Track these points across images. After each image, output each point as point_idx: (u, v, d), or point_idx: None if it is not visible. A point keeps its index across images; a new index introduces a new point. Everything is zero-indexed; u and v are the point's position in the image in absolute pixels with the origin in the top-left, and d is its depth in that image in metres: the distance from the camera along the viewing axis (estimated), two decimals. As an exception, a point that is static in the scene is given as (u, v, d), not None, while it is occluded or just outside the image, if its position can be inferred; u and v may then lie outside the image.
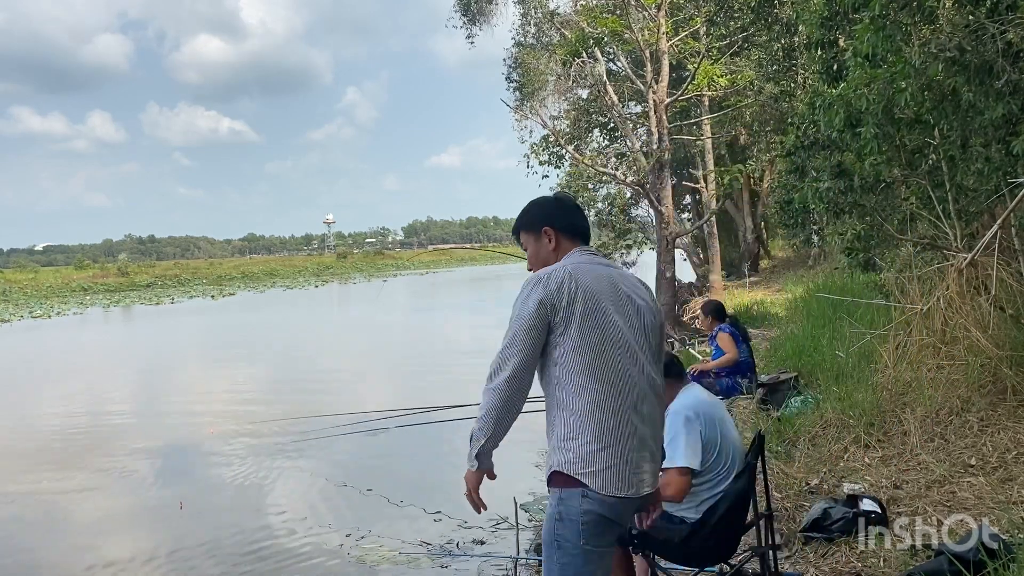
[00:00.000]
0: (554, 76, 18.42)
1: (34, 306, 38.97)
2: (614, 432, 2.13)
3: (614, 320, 2.17)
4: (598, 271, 2.26)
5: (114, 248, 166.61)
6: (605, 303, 2.18)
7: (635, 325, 2.23)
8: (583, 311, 2.14)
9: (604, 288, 2.21)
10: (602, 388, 2.13)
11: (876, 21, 5.15)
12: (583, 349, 2.13)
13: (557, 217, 2.41)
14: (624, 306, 2.23)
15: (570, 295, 2.15)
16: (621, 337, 2.17)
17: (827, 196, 6.34)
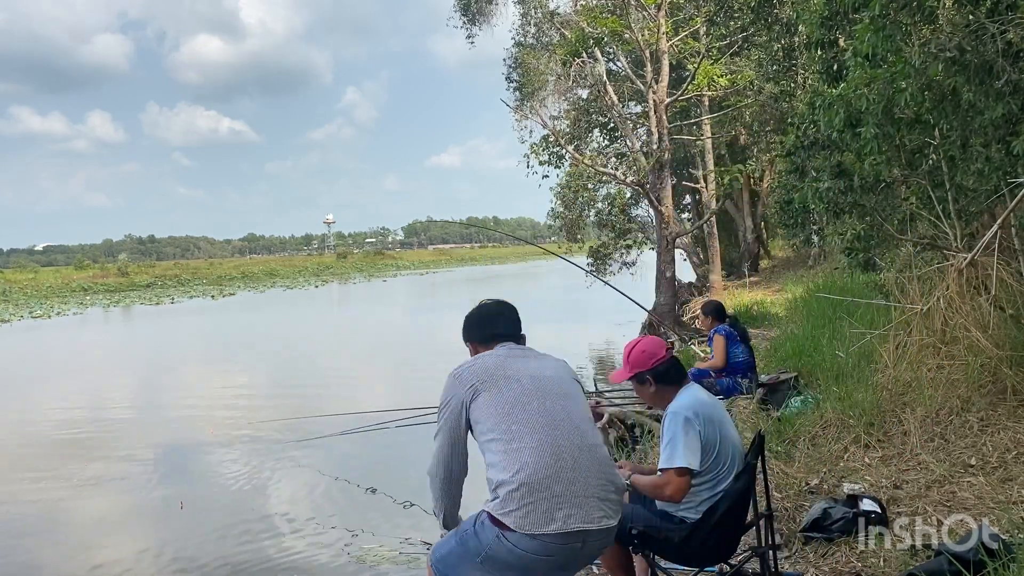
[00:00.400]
0: (554, 76, 18.42)
1: (34, 306, 38.96)
2: (528, 475, 2.31)
3: (511, 387, 2.46)
4: (497, 354, 2.60)
5: (114, 248, 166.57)
6: (499, 376, 2.48)
7: (533, 385, 2.48)
8: (482, 388, 2.46)
9: (499, 363, 2.54)
10: (512, 441, 2.36)
11: (876, 21, 5.15)
12: (487, 417, 2.41)
13: (474, 333, 2.78)
14: (520, 372, 2.51)
15: (471, 381, 2.50)
16: (521, 397, 2.43)
17: (827, 196, 6.34)
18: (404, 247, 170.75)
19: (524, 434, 2.36)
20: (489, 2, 20.71)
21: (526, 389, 2.45)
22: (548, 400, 2.44)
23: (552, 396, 2.46)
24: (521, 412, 2.39)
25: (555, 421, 2.40)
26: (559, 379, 2.56)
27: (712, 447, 3.00)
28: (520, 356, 2.58)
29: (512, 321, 2.75)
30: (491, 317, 2.74)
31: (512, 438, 2.35)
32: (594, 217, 21.40)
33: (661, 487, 2.97)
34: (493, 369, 2.51)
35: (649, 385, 3.17)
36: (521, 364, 2.54)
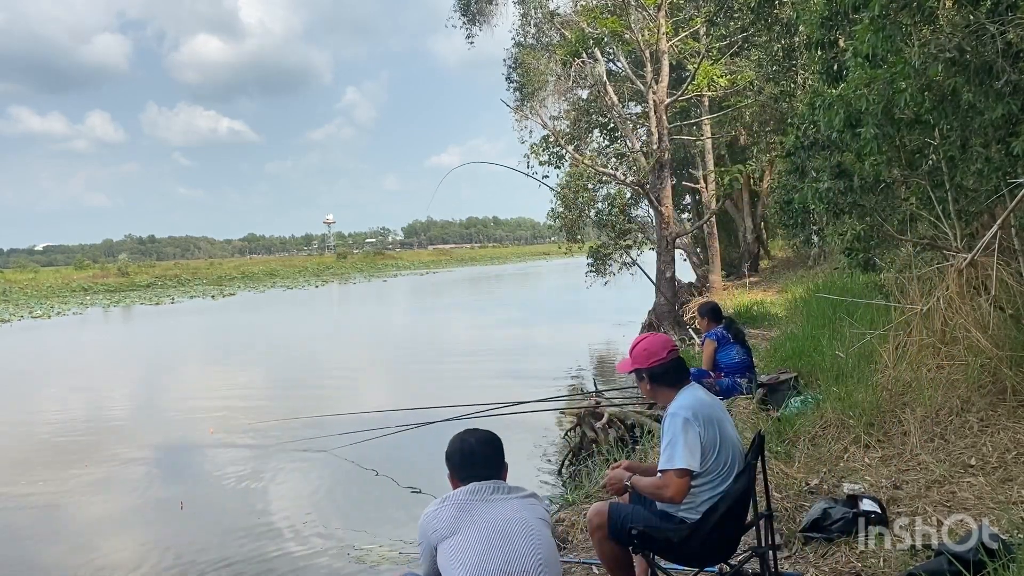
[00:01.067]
0: (554, 76, 18.41)
1: (34, 306, 38.97)
2: None
3: (469, 535, 2.52)
4: (459, 500, 2.64)
5: (114, 248, 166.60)
6: (460, 524, 2.55)
7: (491, 531, 2.54)
8: (445, 535, 2.54)
9: (464, 507, 2.60)
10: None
11: (876, 21, 5.15)
12: (448, 567, 2.50)
13: (454, 468, 2.78)
14: (482, 519, 2.56)
15: (435, 527, 2.57)
16: (476, 546, 2.49)
17: (827, 196, 6.34)
18: (404, 247, 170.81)
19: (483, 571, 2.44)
20: (489, 2, 20.71)
21: (487, 537, 2.52)
22: (507, 547, 2.51)
23: (512, 542, 2.52)
24: (477, 562, 2.46)
25: (510, 570, 2.47)
26: (521, 520, 2.60)
27: (712, 448, 3.00)
28: (487, 499, 2.63)
29: (492, 462, 2.75)
30: (472, 457, 2.75)
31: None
32: (594, 217, 21.40)
33: (661, 488, 2.97)
34: (457, 516, 2.58)
35: (645, 383, 3.20)
36: (486, 510, 2.60)
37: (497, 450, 2.78)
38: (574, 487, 6.14)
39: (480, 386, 11.40)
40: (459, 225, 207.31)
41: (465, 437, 2.80)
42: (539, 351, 17.27)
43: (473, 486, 2.65)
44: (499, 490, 2.66)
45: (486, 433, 2.83)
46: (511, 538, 2.52)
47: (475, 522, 2.54)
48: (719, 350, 6.92)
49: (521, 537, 2.53)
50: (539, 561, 2.53)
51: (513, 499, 2.66)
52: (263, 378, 15.39)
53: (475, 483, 2.66)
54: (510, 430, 9.13)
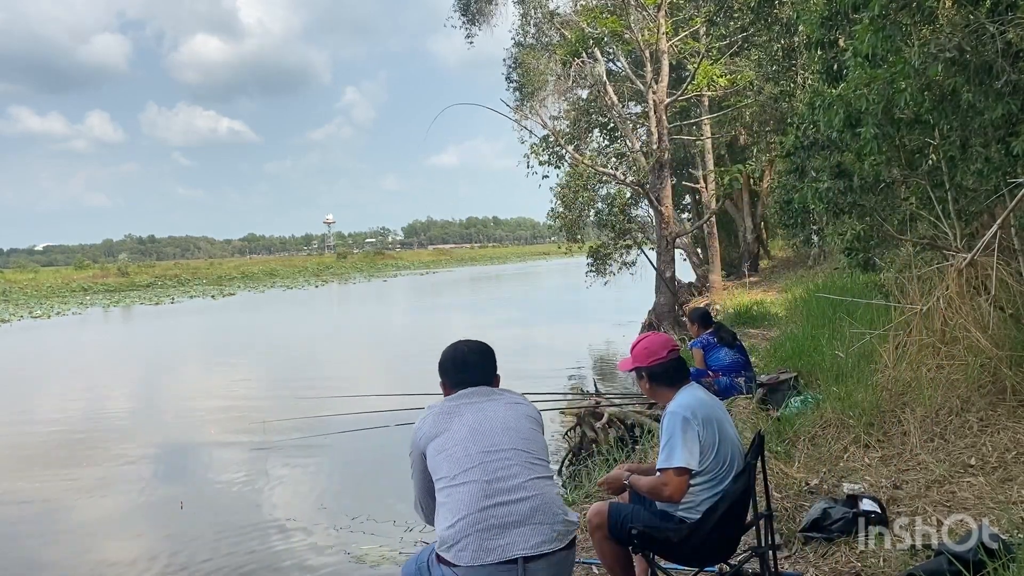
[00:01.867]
0: (554, 76, 18.42)
1: (34, 306, 38.97)
2: (463, 512, 2.40)
3: (455, 432, 2.54)
4: (448, 404, 2.65)
5: (114, 248, 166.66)
6: (445, 424, 2.57)
7: (477, 425, 2.56)
8: (432, 437, 2.56)
9: (450, 410, 2.61)
10: (451, 482, 2.47)
11: (876, 21, 5.15)
12: (436, 466, 2.52)
13: (447, 375, 2.78)
14: (467, 416, 2.58)
15: (423, 432, 2.60)
16: (461, 440, 2.51)
17: (827, 196, 6.34)
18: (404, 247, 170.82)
19: (459, 474, 2.46)
20: (489, 2, 20.71)
21: (470, 430, 2.54)
22: (489, 437, 2.53)
23: (494, 432, 2.54)
24: (461, 452, 2.48)
25: (490, 456, 2.48)
26: (508, 416, 2.61)
27: (711, 447, 3.00)
28: (472, 401, 2.64)
29: (484, 369, 2.75)
30: (464, 364, 2.75)
31: (451, 480, 2.46)
32: (594, 217, 21.40)
33: (660, 488, 2.97)
34: (442, 418, 2.60)
35: (644, 381, 3.21)
36: (470, 409, 2.61)
37: (489, 358, 2.79)
38: (574, 487, 6.14)
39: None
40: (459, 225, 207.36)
41: (457, 345, 2.82)
42: (539, 351, 17.28)
43: (462, 392, 2.67)
44: (486, 393, 2.68)
45: (478, 342, 2.84)
46: (494, 431, 2.54)
47: (460, 419, 2.57)
48: (707, 355, 6.97)
49: (502, 432, 2.55)
50: (524, 449, 2.55)
51: (500, 400, 2.67)
52: (263, 378, 15.39)
53: (464, 388, 2.68)
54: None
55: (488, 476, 2.44)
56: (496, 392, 2.72)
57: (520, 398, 2.75)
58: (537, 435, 2.65)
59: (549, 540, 2.42)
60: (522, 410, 2.67)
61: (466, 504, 2.40)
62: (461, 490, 2.43)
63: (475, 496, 2.41)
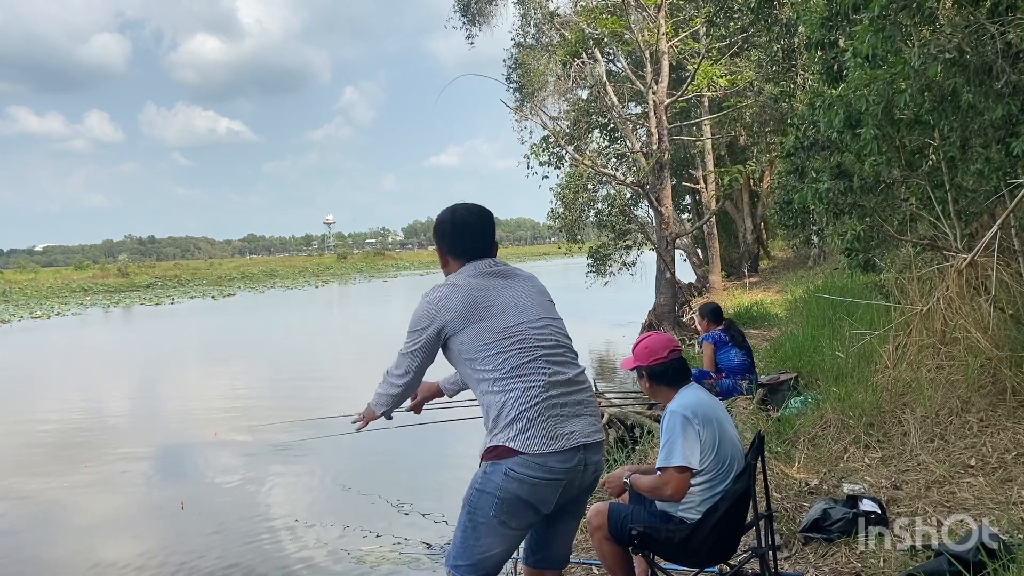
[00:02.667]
0: (554, 77, 18.42)
1: (34, 307, 38.96)
2: (526, 399, 2.45)
3: (494, 305, 2.55)
4: (479, 284, 2.59)
5: (114, 248, 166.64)
6: (486, 309, 2.54)
7: (519, 314, 2.58)
8: (470, 321, 2.52)
9: (484, 294, 2.57)
10: (504, 365, 2.49)
11: (876, 22, 5.15)
12: (479, 352, 2.51)
13: (446, 244, 2.69)
14: (506, 302, 2.58)
15: (457, 311, 2.52)
16: (510, 329, 2.53)
17: (827, 197, 6.34)
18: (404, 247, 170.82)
19: (522, 365, 2.49)
20: (489, 2, 20.72)
21: (516, 322, 2.55)
22: (537, 330, 2.57)
23: (540, 325, 2.60)
24: (516, 346, 2.50)
25: (543, 346, 2.55)
26: (543, 305, 2.68)
27: (711, 447, 3.00)
28: (501, 283, 2.62)
29: (486, 235, 2.69)
30: (467, 230, 2.67)
31: (507, 370, 2.48)
32: (594, 217, 21.41)
33: (661, 487, 2.97)
34: (474, 306, 2.54)
35: (645, 381, 3.22)
36: (505, 293, 2.59)
37: (489, 222, 2.73)
38: (574, 487, 6.13)
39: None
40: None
41: (456, 208, 2.74)
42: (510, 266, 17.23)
43: (478, 269, 2.63)
44: (506, 275, 2.67)
45: (476, 205, 2.77)
46: (540, 324, 2.60)
47: (500, 308, 2.56)
48: (718, 352, 6.92)
49: (544, 324, 2.62)
50: (563, 336, 2.66)
51: (524, 284, 2.70)
52: (263, 378, 15.39)
53: (474, 264, 2.64)
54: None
55: (548, 369, 2.51)
56: (513, 272, 2.70)
57: (530, 276, 2.75)
58: (561, 320, 2.76)
59: (597, 430, 2.59)
60: (546, 296, 2.74)
61: (531, 396, 2.45)
62: (524, 382, 2.47)
63: (539, 388, 2.47)
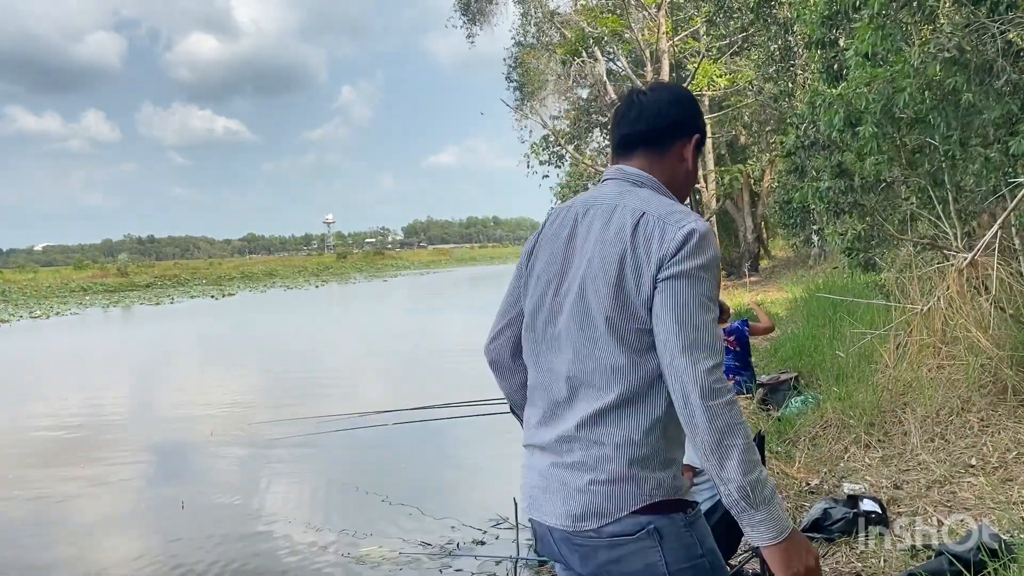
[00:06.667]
0: (554, 76, 18.43)
1: (33, 306, 38.95)
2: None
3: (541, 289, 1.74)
4: (562, 220, 1.75)
5: (114, 248, 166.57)
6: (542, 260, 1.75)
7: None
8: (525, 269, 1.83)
9: (553, 233, 1.75)
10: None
11: (876, 20, 5.15)
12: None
13: (612, 130, 1.83)
14: (567, 267, 1.71)
15: (528, 249, 1.82)
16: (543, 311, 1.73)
17: (827, 196, 6.34)
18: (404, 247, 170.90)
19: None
20: (489, 2, 20.73)
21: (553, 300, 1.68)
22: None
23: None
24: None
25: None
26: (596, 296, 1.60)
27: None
28: (583, 226, 1.67)
29: (641, 119, 1.73)
30: (617, 112, 1.80)
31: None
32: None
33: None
34: (543, 244, 1.75)
35: None
36: (578, 246, 1.66)
37: (650, 104, 1.76)
38: (574, 487, 6.13)
39: (480, 385, 11.39)
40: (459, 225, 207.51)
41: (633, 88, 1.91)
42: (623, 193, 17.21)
43: (606, 174, 1.79)
44: (609, 207, 1.67)
45: (663, 84, 2.00)
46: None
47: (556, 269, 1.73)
48: None
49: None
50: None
51: (610, 236, 1.67)
52: (263, 378, 15.39)
53: (617, 155, 1.80)
54: (510, 429, 9.11)
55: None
56: (625, 196, 1.64)
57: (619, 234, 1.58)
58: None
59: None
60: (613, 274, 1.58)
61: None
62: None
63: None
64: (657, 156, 1.71)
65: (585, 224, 1.66)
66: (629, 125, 1.74)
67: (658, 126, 1.72)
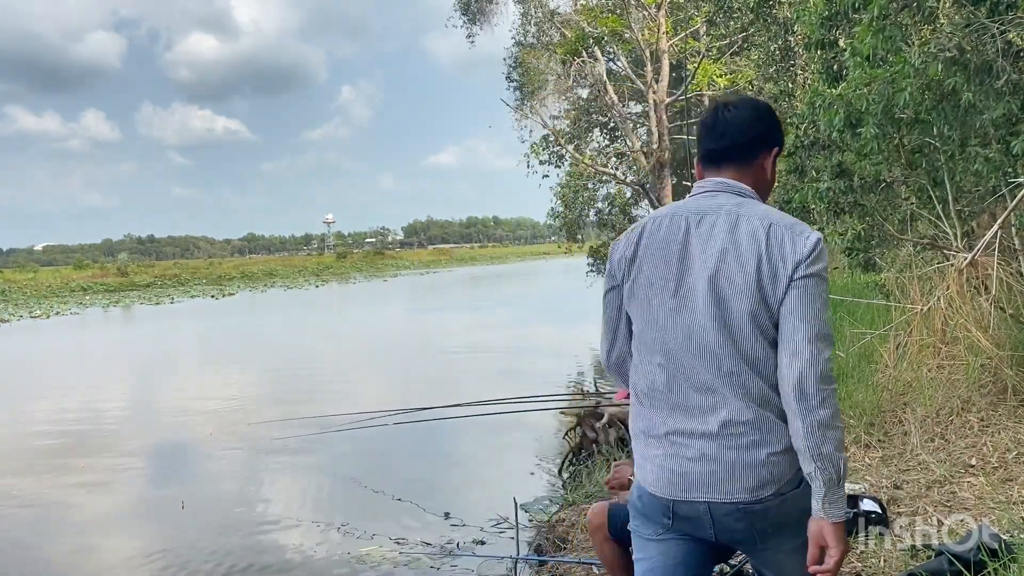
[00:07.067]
0: (554, 76, 18.44)
1: (33, 306, 38.96)
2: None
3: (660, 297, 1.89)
4: (671, 224, 1.87)
5: (114, 248, 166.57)
6: (653, 265, 1.88)
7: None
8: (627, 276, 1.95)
9: (666, 238, 1.87)
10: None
11: (876, 21, 5.15)
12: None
13: (697, 141, 2.01)
14: (689, 273, 1.85)
15: (619, 253, 1.95)
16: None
17: (827, 196, 6.35)
18: (404, 247, 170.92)
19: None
20: (489, 2, 20.73)
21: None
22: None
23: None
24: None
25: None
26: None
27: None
28: (702, 231, 1.82)
29: (728, 134, 1.91)
30: (709, 124, 1.94)
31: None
32: (594, 217, 21.42)
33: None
34: (650, 249, 1.86)
35: None
36: (695, 251, 1.81)
37: (737, 118, 1.94)
38: (574, 487, 6.14)
39: (480, 385, 11.40)
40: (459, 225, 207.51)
41: (717, 102, 2.02)
42: (539, 351, 17.27)
43: (701, 184, 1.97)
44: (722, 213, 1.88)
45: (748, 99, 2.11)
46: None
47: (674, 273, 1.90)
48: None
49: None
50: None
51: (735, 241, 1.87)
52: (263, 377, 15.39)
53: (709, 170, 1.96)
54: (510, 430, 9.12)
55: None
56: (730, 205, 1.83)
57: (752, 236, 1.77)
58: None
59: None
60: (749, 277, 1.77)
61: None
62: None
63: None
64: (744, 168, 1.91)
65: (702, 230, 1.82)
66: (717, 140, 1.92)
67: (743, 141, 1.90)
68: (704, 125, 1.97)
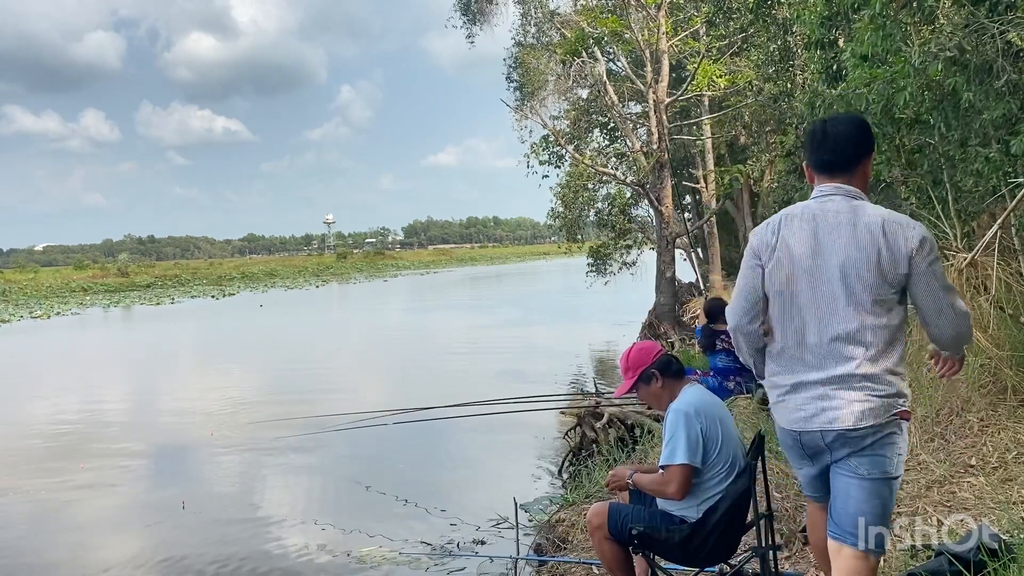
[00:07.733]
0: (554, 76, 18.43)
1: (34, 306, 38.97)
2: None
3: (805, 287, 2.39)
4: (806, 231, 2.40)
5: (114, 248, 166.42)
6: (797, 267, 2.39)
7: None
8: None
9: (807, 248, 2.39)
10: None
11: (876, 20, 5.15)
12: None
13: (807, 154, 2.55)
14: (821, 267, 2.37)
15: (760, 247, 2.49)
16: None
17: (827, 196, 6.33)
18: (404, 247, 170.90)
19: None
20: (489, 2, 20.70)
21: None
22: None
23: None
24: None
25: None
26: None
27: (713, 445, 3.00)
28: (827, 225, 2.34)
29: (837, 148, 2.42)
30: (819, 138, 2.46)
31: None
32: (594, 217, 21.41)
33: (664, 485, 2.97)
34: (788, 239, 2.39)
35: (656, 380, 3.14)
36: (825, 243, 2.32)
37: (850, 131, 2.48)
38: (574, 487, 6.14)
39: (480, 385, 11.40)
40: (459, 225, 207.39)
41: (826, 117, 2.69)
42: (539, 351, 17.28)
43: (819, 206, 2.49)
44: (843, 219, 2.44)
45: (850, 115, 2.71)
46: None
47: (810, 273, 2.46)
48: (706, 351, 6.97)
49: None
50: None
51: (858, 240, 2.45)
52: (263, 378, 15.39)
53: (825, 176, 2.49)
54: (510, 430, 9.12)
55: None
56: (848, 209, 2.35)
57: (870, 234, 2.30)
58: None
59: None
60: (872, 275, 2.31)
61: None
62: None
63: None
64: (851, 174, 2.42)
65: (828, 227, 2.34)
66: (828, 153, 2.43)
67: (850, 153, 2.42)
68: (814, 139, 2.47)
